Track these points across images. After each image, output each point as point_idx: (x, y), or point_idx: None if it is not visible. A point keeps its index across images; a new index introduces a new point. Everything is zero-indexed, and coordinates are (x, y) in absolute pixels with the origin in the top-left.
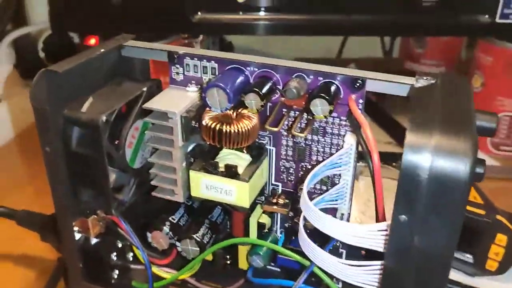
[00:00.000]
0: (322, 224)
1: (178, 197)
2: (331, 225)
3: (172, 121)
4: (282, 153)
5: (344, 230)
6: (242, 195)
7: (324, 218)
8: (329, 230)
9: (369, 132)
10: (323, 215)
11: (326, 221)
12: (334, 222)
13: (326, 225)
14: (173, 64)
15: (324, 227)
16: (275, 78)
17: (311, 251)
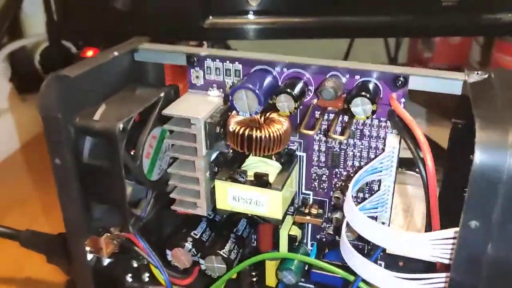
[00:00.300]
0: (371, 233)
1: (201, 210)
2: (383, 234)
3: (195, 127)
4: (314, 159)
5: (398, 240)
6: (275, 206)
7: (375, 226)
8: (381, 239)
9: (420, 132)
10: (373, 223)
11: (376, 229)
12: (386, 230)
13: (377, 234)
14: (193, 67)
15: (374, 236)
16: (306, 79)
17: (358, 264)
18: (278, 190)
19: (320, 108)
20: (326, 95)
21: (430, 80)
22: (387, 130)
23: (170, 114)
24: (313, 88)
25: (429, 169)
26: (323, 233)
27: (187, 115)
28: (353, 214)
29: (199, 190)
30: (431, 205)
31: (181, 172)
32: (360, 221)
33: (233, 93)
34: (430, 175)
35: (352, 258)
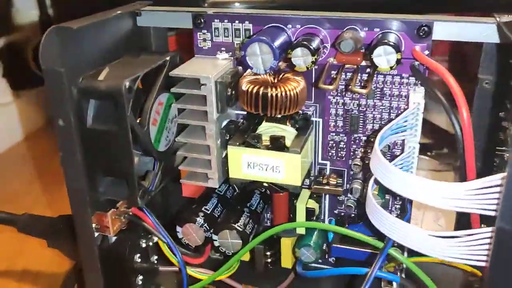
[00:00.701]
0: (404, 186)
1: (213, 182)
2: (418, 186)
3: (205, 88)
4: (331, 125)
5: (435, 191)
6: (293, 171)
7: (408, 177)
8: (415, 192)
9: (453, 81)
10: (406, 174)
11: (410, 180)
12: (422, 181)
13: (411, 186)
14: (199, 30)
15: (407, 189)
16: (322, 35)
17: (388, 225)
18: (296, 153)
19: (337, 67)
20: (345, 47)
21: (457, 27)
22: (410, 87)
23: (178, 74)
24: (329, 45)
25: (465, 120)
26: (341, 207)
27: (196, 74)
28: (383, 167)
29: (211, 159)
30: (467, 159)
31: (191, 140)
32: (391, 173)
33: (246, 47)
34: (466, 126)
35: (382, 219)
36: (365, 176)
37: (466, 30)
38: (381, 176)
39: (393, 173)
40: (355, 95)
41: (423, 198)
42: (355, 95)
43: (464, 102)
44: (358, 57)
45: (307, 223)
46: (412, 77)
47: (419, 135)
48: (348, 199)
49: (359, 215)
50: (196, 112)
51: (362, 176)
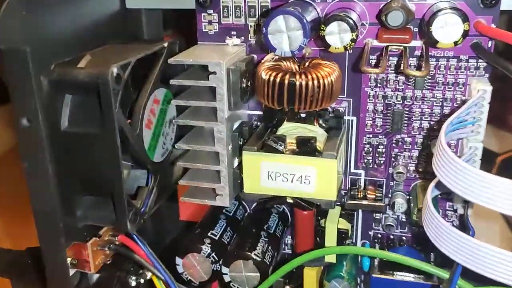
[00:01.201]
0: (485, 190)
1: (223, 200)
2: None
3: (215, 77)
4: (368, 124)
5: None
6: (328, 182)
7: (493, 178)
8: (505, 200)
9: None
10: (489, 175)
11: (495, 182)
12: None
13: (498, 191)
14: (203, 10)
15: (491, 196)
16: (359, 10)
17: (461, 247)
18: (332, 158)
19: (378, 51)
20: (394, 20)
21: None
22: (469, 72)
23: (180, 61)
24: (367, 22)
25: None
26: (378, 227)
27: (204, 61)
28: (454, 166)
29: (220, 170)
30: None
31: (195, 146)
32: (467, 174)
33: (268, 22)
34: None
35: (450, 239)
36: (410, 187)
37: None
38: (451, 179)
39: (470, 173)
40: (399, 85)
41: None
42: (399, 85)
43: None
44: (407, 35)
45: (343, 248)
46: (473, 59)
47: (483, 133)
48: (387, 216)
49: (400, 237)
50: (202, 110)
51: (405, 187)
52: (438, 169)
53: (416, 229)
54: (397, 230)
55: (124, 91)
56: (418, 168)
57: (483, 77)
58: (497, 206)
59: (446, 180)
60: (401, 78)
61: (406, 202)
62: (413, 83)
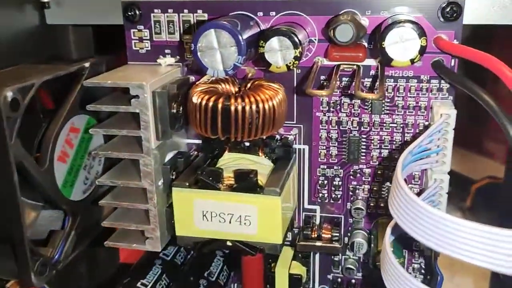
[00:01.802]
0: (447, 236)
1: (153, 244)
2: (480, 237)
3: (137, 102)
4: (321, 153)
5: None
6: (271, 222)
7: (458, 222)
8: (471, 247)
9: (508, 71)
10: (454, 218)
11: (462, 226)
12: (488, 230)
13: (462, 236)
14: (133, 27)
15: (454, 242)
16: (307, 26)
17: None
18: (275, 195)
19: (329, 70)
20: (343, 34)
21: (501, 1)
22: (431, 94)
23: (97, 83)
24: (316, 38)
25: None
26: (337, 270)
27: (124, 82)
28: (411, 207)
29: (148, 210)
30: None
31: (119, 181)
32: (426, 216)
33: (197, 38)
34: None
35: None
36: (372, 225)
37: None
38: (408, 221)
39: (431, 216)
40: (355, 109)
41: (480, 257)
42: (355, 109)
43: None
44: (360, 52)
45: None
46: (435, 79)
47: (449, 162)
48: (347, 258)
49: (364, 281)
50: (129, 139)
51: (365, 224)
52: (394, 210)
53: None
54: (358, 274)
55: (29, 118)
56: (379, 203)
57: (446, 99)
58: (461, 254)
59: (404, 223)
60: (356, 102)
61: (367, 242)
62: (369, 107)
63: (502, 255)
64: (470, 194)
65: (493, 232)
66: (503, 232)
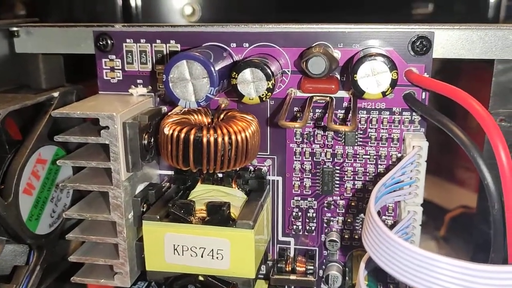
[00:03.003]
0: (422, 271)
1: (122, 279)
2: (454, 272)
3: (107, 133)
4: (295, 185)
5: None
6: (244, 256)
7: (432, 257)
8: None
9: (482, 109)
10: (428, 253)
11: (436, 262)
12: (463, 265)
13: (437, 272)
14: (105, 56)
15: (428, 278)
16: (280, 57)
17: None
18: (248, 228)
19: (302, 102)
20: (315, 67)
21: (469, 36)
22: (403, 126)
23: (65, 113)
24: (289, 70)
25: (504, 165)
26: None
27: (93, 113)
28: (385, 241)
29: (117, 244)
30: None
31: (87, 214)
32: (400, 250)
33: (169, 68)
34: (507, 174)
35: None
36: (347, 257)
37: (480, 42)
38: (382, 255)
39: (404, 250)
40: (328, 140)
41: None
42: (328, 141)
43: (501, 138)
44: (333, 84)
45: None
46: (407, 112)
47: (421, 194)
48: None
49: None
50: (97, 171)
51: (340, 257)
52: (367, 243)
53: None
54: None
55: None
56: (353, 235)
57: (418, 131)
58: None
59: (377, 257)
60: (329, 133)
61: (341, 275)
62: (343, 139)
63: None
64: (444, 223)
65: (468, 267)
66: (478, 267)
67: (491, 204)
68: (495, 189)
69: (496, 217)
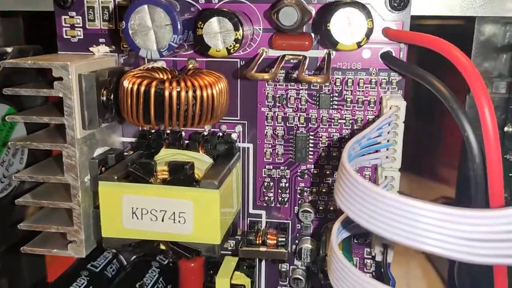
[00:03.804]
0: (400, 220)
1: (76, 248)
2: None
3: (61, 85)
4: (267, 152)
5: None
6: (208, 219)
7: (415, 204)
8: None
9: (466, 61)
10: (410, 200)
11: (418, 208)
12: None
13: (416, 218)
14: (64, 13)
15: (406, 227)
16: (250, 13)
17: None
18: (213, 188)
19: (272, 61)
20: (286, 17)
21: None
22: (380, 88)
23: (15, 63)
24: (261, 27)
25: (487, 121)
26: (284, 282)
27: (47, 63)
28: (359, 189)
29: (72, 208)
30: (493, 177)
31: (40, 176)
32: (377, 198)
33: (129, 15)
34: (490, 131)
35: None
36: (321, 230)
37: None
38: (357, 209)
39: (384, 200)
40: (301, 103)
41: (434, 242)
42: (302, 104)
43: (485, 93)
44: (306, 41)
45: None
46: (384, 72)
47: (399, 159)
48: (295, 268)
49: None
50: (52, 133)
51: (315, 230)
52: (340, 198)
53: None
54: (308, 286)
55: None
56: (328, 206)
57: (396, 93)
58: (415, 240)
59: (354, 213)
60: (303, 96)
61: (315, 249)
62: (317, 101)
63: (456, 239)
64: None
65: (448, 212)
66: (458, 212)
67: (472, 158)
68: (476, 142)
69: (477, 172)
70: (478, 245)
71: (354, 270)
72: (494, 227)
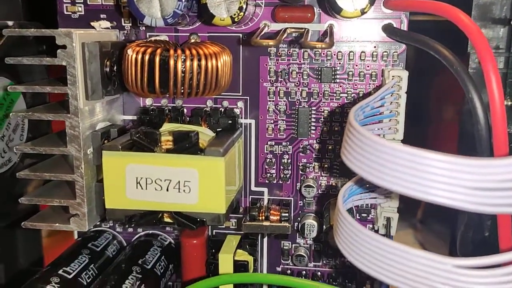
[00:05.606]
0: (413, 166)
1: (79, 222)
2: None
3: (64, 53)
4: (269, 128)
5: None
6: (214, 189)
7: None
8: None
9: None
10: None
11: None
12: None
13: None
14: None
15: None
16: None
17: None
18: (218, 156)
19: (276, 35)
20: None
21: None
22: (382, 61)
23: (18, 31)
24: (263, 2)
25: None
26: (286, 260)
27: (50, 30)
28: (369, 145)
29: (75, 180)
30: (496, 130)
31: (42, 148)
32: (390, 153)
33: None
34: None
35: (366, 245)
36: (324, 206)
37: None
38: (367, 165)
39: (397, 153)
40: (303, 78)
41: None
42: (304, 78)
43: (492, 60)
44: (309, 13)
45: (237, 275)
46: (385, 45)
47: (402, 130)
48: (297, 246)
49: (315, 272)
50: (55, 107)
51: (316, 207)
52: (348, 157)
53: (332, 261)
54: (310, 264)
55: None
56: (330, 182)
57: (398, 66)
58: (431, 194)
59: (360, 168)
60: (305, 70)
61: (318, 225)
62: (318, 75)
63: (464, 188)
64: (421, 205)
65: (456, 162)
66: (465, 162)
67: (475, 119)
68: (480, 104)
69: (481, 134)
70: (485, 194)
71: (361, 228)
72: (501, 175)
